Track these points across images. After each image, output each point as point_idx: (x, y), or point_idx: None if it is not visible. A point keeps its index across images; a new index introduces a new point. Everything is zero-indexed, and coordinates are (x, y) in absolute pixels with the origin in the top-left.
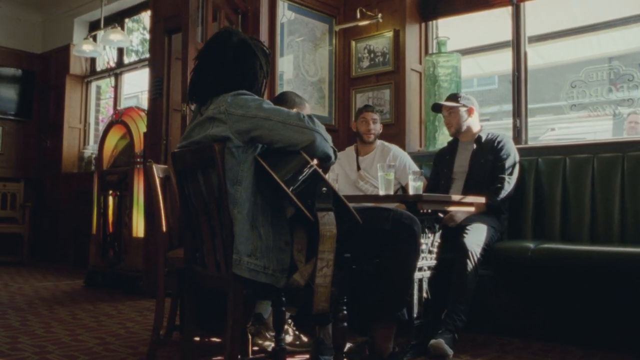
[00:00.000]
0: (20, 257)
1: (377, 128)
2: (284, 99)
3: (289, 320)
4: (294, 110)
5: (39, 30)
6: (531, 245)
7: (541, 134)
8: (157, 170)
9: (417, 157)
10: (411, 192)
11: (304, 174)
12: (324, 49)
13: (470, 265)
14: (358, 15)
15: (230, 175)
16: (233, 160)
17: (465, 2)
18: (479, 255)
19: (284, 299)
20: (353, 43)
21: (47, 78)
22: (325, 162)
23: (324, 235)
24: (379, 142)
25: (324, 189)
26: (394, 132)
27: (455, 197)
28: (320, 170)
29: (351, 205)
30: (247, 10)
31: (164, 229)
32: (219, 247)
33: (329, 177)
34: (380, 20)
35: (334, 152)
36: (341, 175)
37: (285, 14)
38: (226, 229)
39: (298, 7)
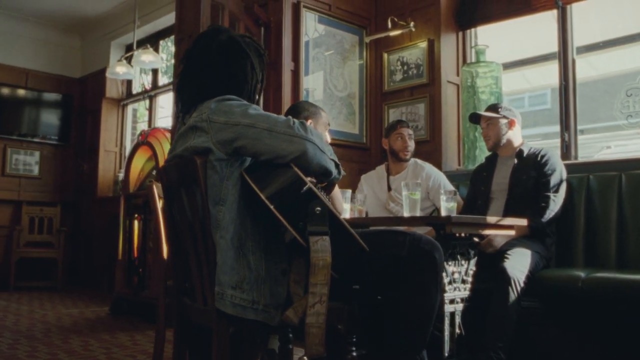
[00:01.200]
0: (55, 282)
1: (413, 144)
2: (296, 109)
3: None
4: (308, 121)
5: (78, 55)
6: (582, 273)
7: (595, 152)
8: (159, 189)
9: (454, 177)
10: (443, 213)
11: (293, 190)
12: (354, 61)
13: (512, 295)
14: (389, 25)
15: (213, 193)
16: (215, 175)
17: (505, 7)
18: (522, 284)
19: (291, 335)
20: (385, 55)
21: (84, 102)
22: (325, 178)
23: (316, 264)
24: (412, 160)
25: (318, 208)
26: (430, 150)
27: (491, 219)
28: (314, 187)
29: (360, 229)
30: (270, 21)
31: (165, 254)
32: (206, 277)
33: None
34: (413, 30)
35: (337, 166)
36: (370, 197)
37: (316, 28)
38: (209, 257)
39: (328, 19)
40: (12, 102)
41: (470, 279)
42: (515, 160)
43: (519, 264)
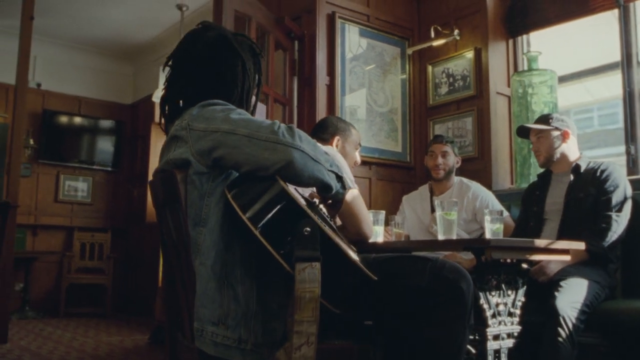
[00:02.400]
0: (104, 309)
1: (450, 162)
2: (323, 125)
3: None
4: (335, 138)
5: (130, 81)
6: None
7: None
8: None
9: (505, 197)
10: (487, 235)
11: (280, 208)
12: (395, 75)
13: (563, 334)
14: (432, 35)
15: (192, 212)
16: (195, 192)
17: (559, 9)
18: (574, 321)
19: None
20: (429, 67)
21: (135, 127)
22: (325, 193)
23: (302, 297)
24: (457, 179)
25: (307, 229)
26: (478, 168)
27: (540, 242)
28: (303, 203)
29: (375, 254)
30: (304, 34)
31: None
32: (187, 311)
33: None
34: (458, 38)
35: (340, 179)
36: (412, 219)
37: (353, 40)
38: (190, 287)
39: (367, 30)
40: (68, 130)
41: (518, 312)
42: (571, 177)
43: (572, 298)
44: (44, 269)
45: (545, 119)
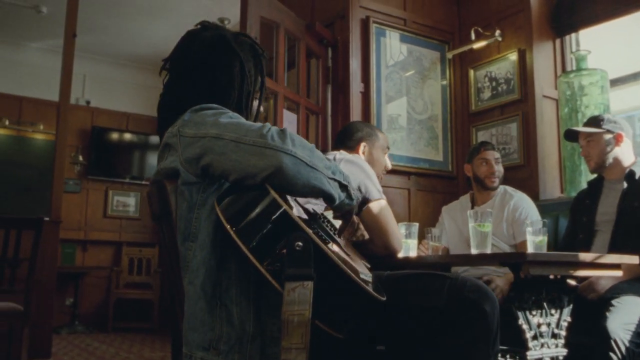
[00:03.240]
0: (152, 324)
1: (502, 170)
2: (348, 131)
3: None
4: (362, 145)
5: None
6: None
7: None
8: None
9: (554, 206)
10: (530, 249)
11: (270, 220)
12: (435, 80)
13: (615, 359)
14: (473, 37)
15: (181, 226)
16: (184, 204)
17: (610, 5)
18: (627, 344)
19: None
20: (471, 72)
21: None
22: (328, 204)
23: (289, 321)
24: (501, 188)
25: (299, 243)
26: (524, 176)
27: (586, 256)
28: (294, 214)
29: (389, 272)
30: (337, 41)
31: None
32: (178, 332)
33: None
34: (500, 39)
35: (345, 188)
36: (452, 231)
37: (389, 45)
38: (180, 307)
39: (403, 35)
40: (116, 146)
41: (563, 333)
42: (625, 184)
43: (625, 318)
44: (93, 284)
45: (595, 121)
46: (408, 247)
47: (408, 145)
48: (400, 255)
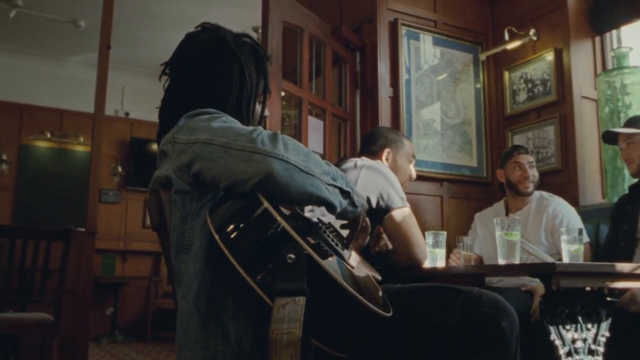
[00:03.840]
0: None
1: (537, 174)
2: (372, 137)
3: None
4: (385, 151)
5: None
6: None
7: None
8: None
9: (595, 213)
10: (565, 259)
11: (262, 229)
12: (468, 83)
13: None
14: (506, 37)
15: (175, 237)
16: (177, 214)
17: None
18: None
19: None
20: (506, 74)
21: None
22: (331, 211)
23: (278, 340)
24: (536, 194)
25: (291, 255)
26: (563, 181)
27: (624, 267)
28: (282, 220)
29: (400, 285)
30: (365, 45)
31: None
32: None
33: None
34: (535, 39)
35: (347, 195)
36: (486, 239)
37: (419, 47)
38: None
39: (434, 37)
40: (155, 157)
41: (601, 349)
42: None
43: None
44: (132, 294)
45: (636, 122)
46: (436, 256)
47: (440, 151)
48: (427, 265)
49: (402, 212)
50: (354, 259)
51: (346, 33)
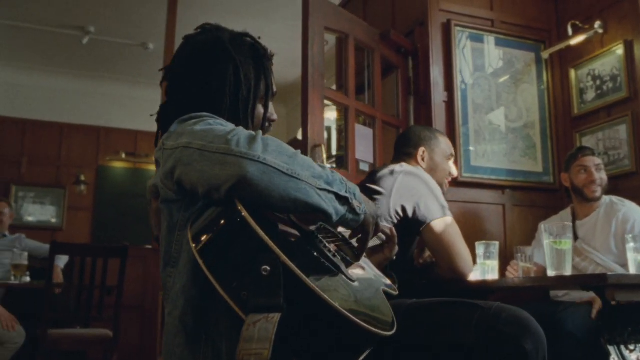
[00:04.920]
0: None
1: (605, 177)
2: (405, 137)
3: None
4: (420, 150)
5: (284, 122)
6: None
7: None
8: None
9: None
10: (631, 269)
11: (233, 237)
12: (530, 84)
13: None
14: (570, 32)
15: (162, 249)
16: (164, 224)
17: None
18: None
19: None
20: (572, 71)
21: None
22: (327, 220)
23: None
24: (606, 198)
25: (266, 267)
26: (637, 185)
27: None
28: (258, 228)
29: (414, 300)
30: (417, 49)
31: None
32: None
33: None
34: (600, 31)
35: (345, 201)
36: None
37: (475, 48)
38: None
39: (491, 37)
40: None
41: None
42: None
43: None
44: None
45: None
46: (486, 269)
47: (501, 157)
48: (477, 278)
49: (442, 222)
50: (358, 272)
51: (395, 37)
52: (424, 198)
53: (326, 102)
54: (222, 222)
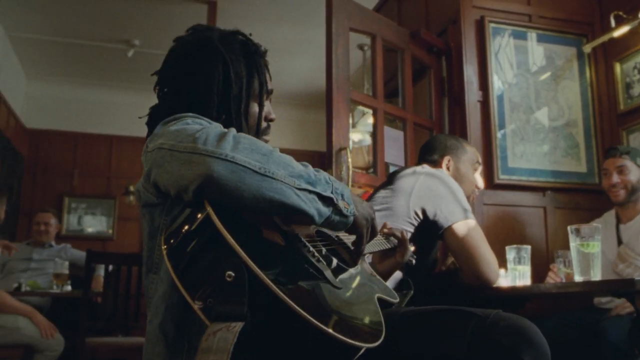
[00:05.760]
0: None
1: (632, 178)
2: (430, 146)
3: None
4: (445, 159)
5: (323, 129)
6: None
7: None
8: None
9: None
10: None
11: (202, 240)
12: (572, 80)
13: None
14: (612, 24)
15: (145, 255)
16: (146, 229)
17: None
18: None
19: None
20: (617, 65)
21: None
22: (308, 221)
23: None
24: None
25: (230, 273)
26: None
27: None
28: (224, 230)
29: (412, 307)
30: (450, 48)
31: None
32: None
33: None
34: None
35: (329, 201)
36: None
37: (520, 47)
38: None
39: (529, 32)
40: None
41: None
42: None
43: None
44: None
45: None
46: (517, 274)
47: (540, 157)
48: (507, 283)
49: (465, 225)
50: (348, 277)
51: (426, 36)
52: (445, 200)
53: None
54: (191, 223)
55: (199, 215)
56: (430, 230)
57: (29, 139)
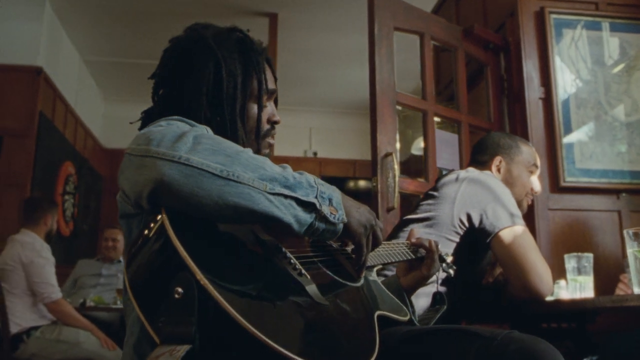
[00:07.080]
0: None
1: None
2: (481, 145)
3: None
4: (496, 159)
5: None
6: None
7: None
8: None
9: None
10: None
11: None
12: None
13: None
14: None
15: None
16: (125, 241)
17: None
18: None
19: None
20: None
21: None
22: (287, 230)
23: None
24: None
25: (179, 289)
26: None
27: None
28: (176, 240)
29: (419, 326)
30: (508, 43)
31: None
32: None
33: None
34: None
35: (311, 207)
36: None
37: (587, 38)
38: None
39: (597, 22)
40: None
41: None
42: None
43: None
44: None
45: None
46: (578, 286)
47: (612, 157)
48: (567, 296)
49: (511, 232)
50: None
51: (480, 32)
52: (491, 205)
53: None
54: (147, 232)
55: (152, 225)
56: (476, 239)
57: (108, 159)
